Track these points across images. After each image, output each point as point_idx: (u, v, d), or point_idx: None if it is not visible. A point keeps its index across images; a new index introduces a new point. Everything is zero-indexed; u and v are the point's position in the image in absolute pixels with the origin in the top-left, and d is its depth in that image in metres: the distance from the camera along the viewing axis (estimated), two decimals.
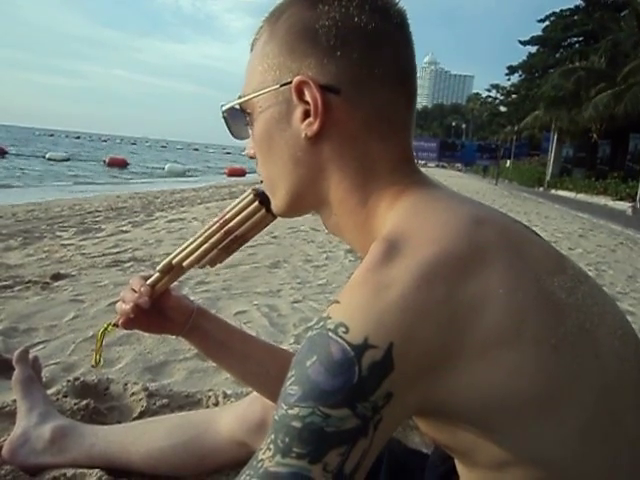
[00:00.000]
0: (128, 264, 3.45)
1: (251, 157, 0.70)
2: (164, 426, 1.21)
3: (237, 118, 0.69)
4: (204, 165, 33.13)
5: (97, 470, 1.15)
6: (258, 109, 0.65)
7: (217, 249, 0.82)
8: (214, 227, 0.81)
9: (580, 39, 36.70)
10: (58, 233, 4.65)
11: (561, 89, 26.50)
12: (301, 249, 4.38)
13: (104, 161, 24.58)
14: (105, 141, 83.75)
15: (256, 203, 0.77)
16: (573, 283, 0.56)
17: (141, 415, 1.48)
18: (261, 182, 0.72)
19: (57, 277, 2.95)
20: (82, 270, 3.19)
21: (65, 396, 1.50)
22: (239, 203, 0.79)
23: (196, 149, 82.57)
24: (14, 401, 1.38)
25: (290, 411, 0.46)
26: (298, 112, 0.61)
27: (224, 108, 0.69)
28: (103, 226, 5.20)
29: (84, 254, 3.69)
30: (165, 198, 9.10)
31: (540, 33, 40.00)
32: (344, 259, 4.11)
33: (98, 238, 4.46)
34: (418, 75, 0.68)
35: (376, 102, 0.61)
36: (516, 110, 44.02)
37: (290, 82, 0.61)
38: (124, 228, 5.10)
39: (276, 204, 0.70)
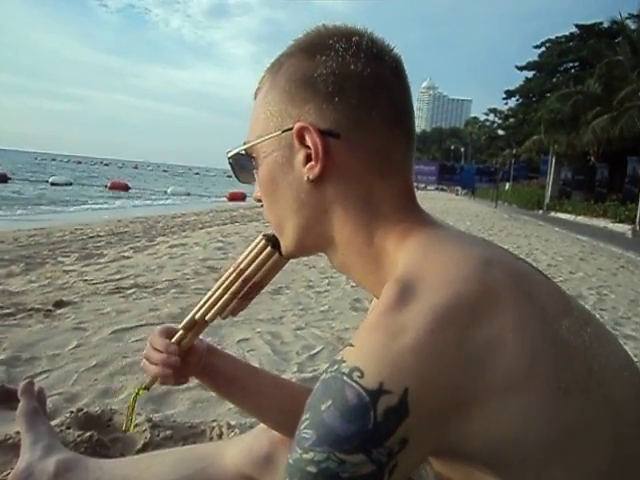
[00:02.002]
0: (130, 291, 3.45)
1: (258, 200, 0.72)
2: (169, 460, 1.20)
3: (243, 163, 0.71)
4: (205, 189, 33.30)
5: None
6: (262, 154, 0.67)
7: (237, 298, 0.82)
8: (231, 277, 0.82)
9: (576, 64, 37.28)
10: (60, 259, 4.67)
11: (558, 113, 26.82)
12: (303, 275, 4.39)
13: (106, 185, 24.80)
14: (107, 165, 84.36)
15: (269, 248, 0.78)
16: (579, 325, 0.57)
17: (145, 447, 1.47)
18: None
19: (59, 304, 2.95)
20: (84, 297, 3.19)
21: (68, 428, 1.50)
22: (252, 250, 0.80)
23: (197, 173, 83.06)
24: (17, 433, 1.38)
25: (305, 455, 0.47)
26: (300, 156, 0.64)
27: (230, 154, 0.72)
28: (105, 251, 5.21)
29: (86, 280, 3.69)
30: (166, 222, 9.13)
31: (536, 59, 40.68)
32: (346, 285, 4.11)
33: (100, 264, 4.46)
34: (417, 99, 0.71)
35: (375, 143, 0.64)
36: (514, 133, 44.48)
37: (291, 128, 0.63)
38: (126, 254, 5.11)
39: (284, 245, 0.72)
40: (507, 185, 44.75)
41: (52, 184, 23.72)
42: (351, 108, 0.62)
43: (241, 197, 21.20)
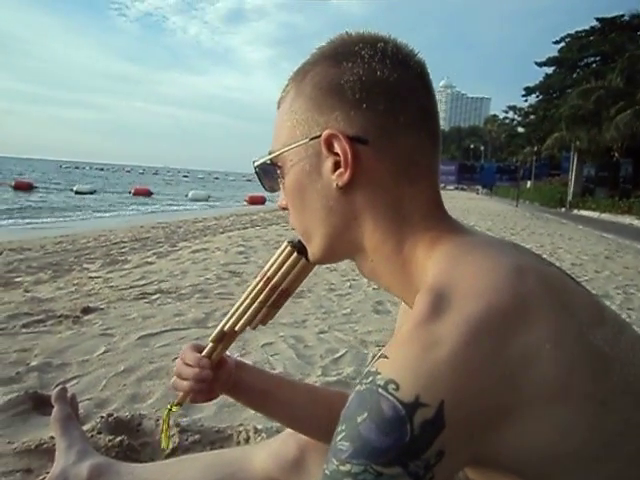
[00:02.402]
0: (155, 296, 3.50)
1: (283, 209, 0.72)
2: (198, 465, 1.22)
3: (269, 172, 0.71)
4: (225, 193, 33.57)
5: None
6: (289, 163, 0.67)
7: (266, 307, 0.82)
8: (259, 286, 0.82)
9: (597, 59, 36.63)
10: (85, 265, 4.76)
11: (580, 109, 26.38)
12: (324, 278, 4.39)
13: (130, 191, 25.26)
14: (128, 172, 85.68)
15: (295, 254, 0.78)
16: (614, 334, 0.56)
17: (174, 451, 1.49)
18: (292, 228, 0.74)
19: (87, 311, 3.01)
20: (110, 303, 3.25)
21: (99, 432, 1.53)
22: (278, 258, 0.80)
23: (216, 178, 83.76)
24: (52, 438, 1.41)
25: (342, 467, 0.47)
26: (328, 163, 0.64)
27: (256, 164, 0.72)
28: (129, 257, 5.29)
29: (112, 287, 3.76)
30: (188, 227, 9.24)
31: (556, 54, 40.07)
32: (367, 287, 4.11)
33: (124, 270, 4.53)
34: (437, 102, 0.70)
35: (403, 148, 0.64)
36: (534, 131, 43.87)
37: (319, 136, 0.63)
38: (149, 259, 5.18)
39: (312, 252, 0.72)
40: (528, 183, 44.13)
41: (76, 192, 24.19)
42: (378, 114, 0.62)
43: (261, 200, 21.34)
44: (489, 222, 13.63)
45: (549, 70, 41.85)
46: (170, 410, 0.96)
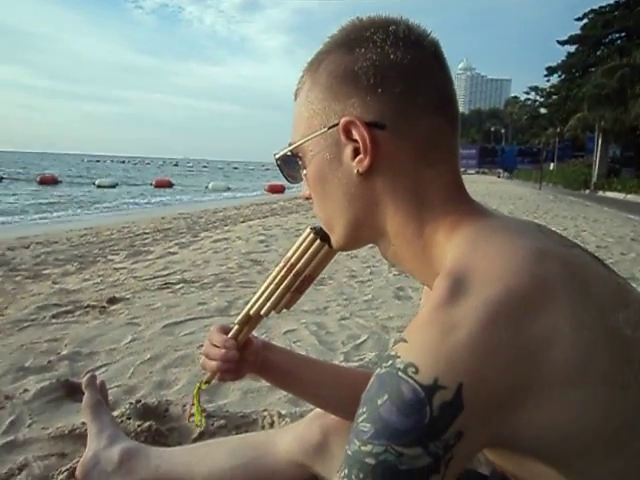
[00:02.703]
0: (178, 286, 3.55)
1: (307, 198, 0.73)
2: (225, 448, 1.25)
3: (290, 164, 0.72)
4: (244, 183, 33.73)
5: None
6: (309, 153, 0.68)
7: (290, 292, 0.85)
8: (283, 272, 0.84)
9: (621, 35, 35.54)
10: (110, 257, 4.85)
11: (604, 87, 25.69)
12: (345, 264, 4.40)
13: (151, 183, 25.57)
14: (148, 164, 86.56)
15: (318, 241, 0.80)
16: (638, 317, 0.56)
17: (200, 436, 1.53)
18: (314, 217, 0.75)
19: (113, 301, 3.08)
20: (135, 293, 3.32)
21: (129, 418, 1.57)
22: (301, 244, 0.82)
23: (236, 168, 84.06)
24: (83, 423, 1.46)
25: (363, 447, 0.48)
26: (348, 151, 0.64)
27: (277, 156, 0.73)
28: (152, 248, 5.37)
29: (136, 277, 3.83)
30: (208, 218, 9.32)
31: (579, 32, 38.96)
32: (388, 273, 4.11)
33: (148, 260, 4.61)
34: (454, 82, 0.70)
35: (421, 131, 0.64)
36: (557, 111, 42.86)
37: (337, 124, 0.64)
38: (172, 250, 5.26)
39: (336, 240, 0.73)
40: (551, 165, 43.30)
41: (98, 186, 24.56)
42: (395, 98, 0.62)
43: (280, 189, 21.38)
44: (510, 206, 13.44)
45: (571, 48, 40.74)
46: (200, 388, 1.00)
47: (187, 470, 1.22)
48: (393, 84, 0.62)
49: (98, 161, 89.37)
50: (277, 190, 21.51)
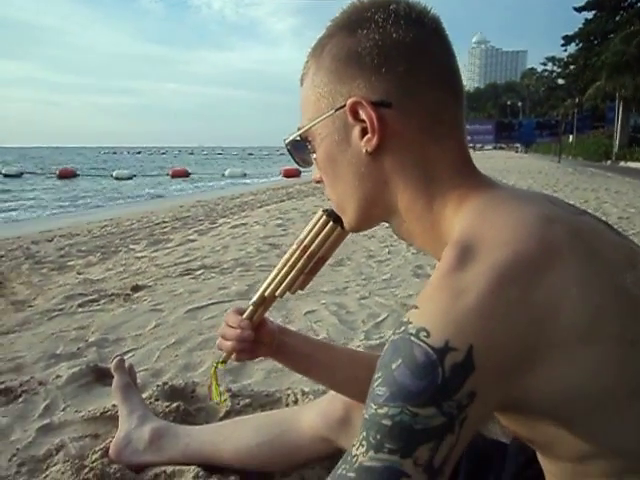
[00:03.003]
0: (199, 272, 3.61)
1: (318, 182, 0.75)
2: (250, 425, 1.29)
3: (300, 148, 0.74)
4: (259, 170, 33.78)
5: (194, 467, 1.25)
6: (318, 136, 0.69)
7: (304, 273, 0.87)
8: (296, 254, 0.86)
9: None
10: (131, 246, 4.93)
11: (624, 55, 24.94)
12: (363, 245, 4.42)
13: (167, 174, 25.70)
14: (164, 153, 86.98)
15: (331, 223, 0.82)
16: None
17: (227, 415, 1.57)
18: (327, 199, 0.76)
19: (136, 289, 3.15)
20: (157, 280, 3.38)
21: (157, 400, 1.62)
22: (314, 227, 0.84)
23: (250, 154, 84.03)
24: (114, 406, 1.52)
25: (380, 410, 0.50)
26: (356, 131, 0.66)
27: (287, 141, 0.74)
28: (171, 236, 5.45)
29: (157, 265, 3.90)
30: (226, 204, 9.38)
31: None
32: (406, 252, 4.11)
33: (168, 248, 4.68)
34: (468, 55, 0.69)
35: (427, 107, 0.65)
36: (575, 81, 41.83)
37: (344, 105, 0.65)
38: (191, 237, 5.33)
39: (348, 221, 0.75)
40: (570, 137, 42.41)
41: (116, 178, 24.81)
42: (399, 76, 0.63)
43: (296, 173, 21.35)
44: (530, 180, 13.24)
45: (589, 15, 39.51)
46: (216, 367, 1.03)
47: (215, 447, 1.27)
48: (396, 63, 0.63)
49: (115, 153, 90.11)
50: (293, 174, 21.49)
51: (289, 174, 21.83)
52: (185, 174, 25.43)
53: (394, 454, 0.49)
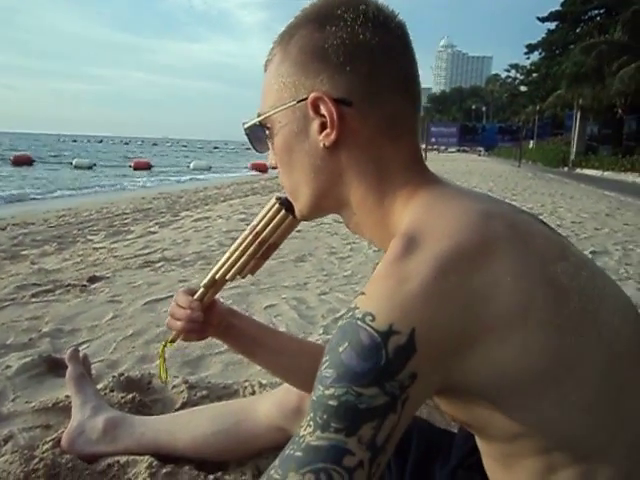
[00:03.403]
0: (159, 264, 3.57)
1: (273, 167, 0.77)
2: (207, 415, 1.30)
3: (258, 133, 0.75)
4: (225, 163, 33.40)
5: (147, 457, 1.24)
6: (277, 124, 0.71)
7: (255, 258, 0.89)
8: (248, 239, 0.88)
9: (601, 11, 35.62)
10: (89, 237, 4.82)
11: (582, 65, 25.84)
12: (325, 242, 4.45)
13: (130, 165, 25.05)
14: (127, 144, 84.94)
15: (283, 211, 0.84)
16: (575, 269, 0.61)
17: (183, 406, 1.57)
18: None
19: (93, 280, 3.08)
20: (116, 272, 3.32)
21: (112, 390, 1.60)
22: (267, 214, 0.86)
23: (216, 147, 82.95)
24: (67, 397, 1.49)
25: (326, 391, 0.52)
26: (315, 125, 0.68)
27: (246, 125, 0.76)
28: (132, 228, 5.35)
29: (116, 256, 3.83)
30: (189, 197, 9.26)
31: (559, 8, 38.94)
32: (368, 250, 4.16)
33: (128, 240, 4.60)
34: (435, 58, 0.73)
35: (385, 109, 0.68)
36: (537, 89, 43.14)
37: (306, 98, 0.67)
38: (152, 229, 5.25)
39: (299, 209, 0.77)
40: (531, 143, 43.68)
41: (75, 167, 24.04)
42: (362, 77, 0.66)
43: (264, 168, 21.21)
44: (490, 183, 13.59)
45: (552, 25, 40.77)
46: (165, 346, 1.05)
47: (171, 436, 1.27)
48: (361, 63, 0.65)
49: (75, 141, 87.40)
50: (261, 168, 21.35)
51: (257, 167, 21.72)
52: (148, 166, 24.85)
53: (339, 433, 0.51)
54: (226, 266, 0.92)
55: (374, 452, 0.51)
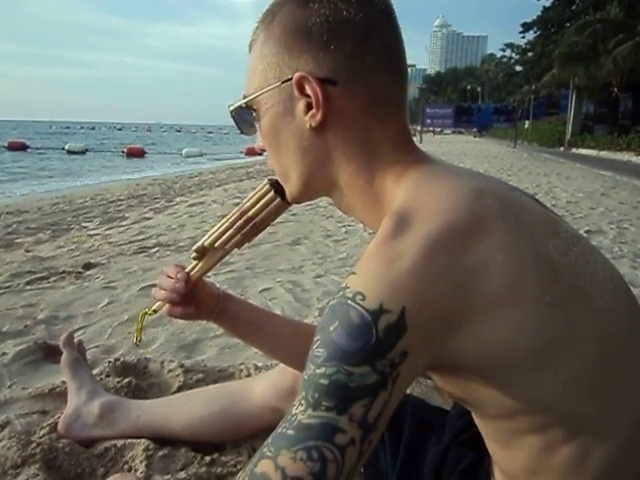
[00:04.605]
0: (154, 250, 3.56)
1: (262, 150, 0.76)
2: (202, 397, 1.31)
3: (244, 116, 0.74)
4: (219, 147, 33.16)
5: (144, 440, 1.25)
6: (263, 106, 0.70)
7: (240, 234, 0.90)
8: (235, 215, 0.90)
9: None
10: (84, 224, 4.80)
11: (577, 45, 25.62)
12: (321, 225, 4.45)
13: (123, 151, 24.83)
14: (120, 129, 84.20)
15: (271, 193, 0.84)
16: (566, 245, 0.61)
17: (179, 390, 1.57)
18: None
19: (88, 266, 3.08)
20: (111, 258, 3.31)
21: (108, 376, 1.61)
22: (256, 194, 0.87)
23: (210, 132, 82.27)
24: (63, 382, 1.50)
25: (318, 370, 0.52)
26: (301, 105, 0.67)
27: (231, 108, 0.75)
28: (126, 214, 5.33)
29: (111, 243, 3.81)
30: (184, 183, 9.21)
31: None
32: (363, 232, 4.16)
33: (123, 226, 4.58)
34: (430, 38, 0.71)
35: (371, 87, 0.66)
36: (532, 68, 42.85)
37: (291, 78, 0.66)
38: (147, 215, 5.23)
39: (289, 191, 0.76)
40: (526, 123, 43.53)
41: (68, 152, 23.85)
42: (346, 55, 0.65)
43: (259, 152, 21.03)
44: (486, 164, 13.56)
45: (547, 3, 40.34)
46: (145, 314, 1.05)
47: (166, 419, 1.27)
48: (345, 41, 0.64)
49: (68, 127, 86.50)
50: (255, 152, 21.19)
51: (251, 152, 21.58)
52: (141, 153, 24.62)
53: (330, 411, 0.51)
54: (214, 236, 0.93)
55: (365, 430, 0.51)
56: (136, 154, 23.84)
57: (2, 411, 1.47)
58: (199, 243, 0.95)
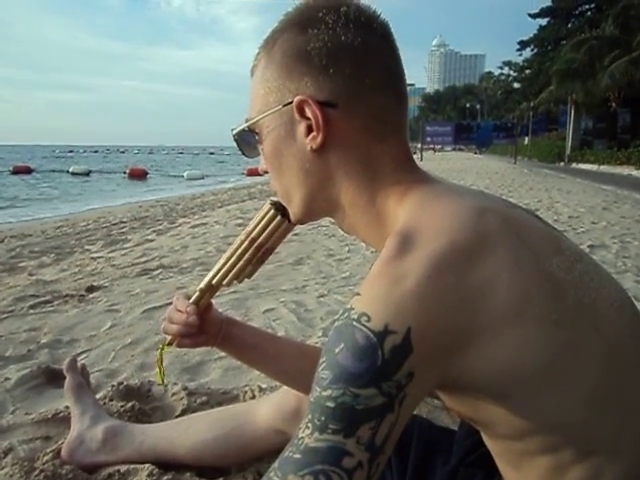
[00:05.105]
0: (157, 272, 3.56)
1: (265, 172, 0.77)
2: (206, 420, 1.30)
3: (247, 139, 0.75)
4: (221, 169, 33.33)
5: (148, 465, 1.24)
6: (265, 129, 0.71)
7: (252, 264, 0.89)
8: (244, 245, 0.87)
9: (591, 6, 35.70)
10: (87, 247, 4.82)
11: (574, 61, 25.86)
12: (323, 244, 4.45)
13: (125, 172, 25.02)
14: (123, 152, 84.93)
15: (279, 217, 0.84)
16: (570, 262, 0.61)
17: (183, 413, 1.56)
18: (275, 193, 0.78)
19: (91, 289, 3.08)
20: (114, 281, 3.32)
21: (111, 400, 1.60)
22: (262, 219, 0.85)
23: (212, 153, 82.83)
24: (66, 407, 1.49)
25: (324, 393, 0.52)
26: (302, 128, 0.68)
27: (234, 132, 0.76)
28: (129, 236, 5.35)
29: (114, 265, 3.82)
30: (186, 204, 9.26)
31: (550, 4, 39.00)
32: (366, 251, 4.16)
33: (126, 249, 4.59)
34: (428, 58, 0.73)
35: (371, 108, 0.68)
36: (530, 85, 43.17)
37: (291, 102, 0.67)
38: (149, 237, 5.25)
39: (293, 212, 0.77)
40: (526, 139, 43.76)
41: (72, 174, 24.11)
42: (345, 78, 0.66)
43: (259, 172, 21.12)
44: (487, 180, 13.60)
45: (543, 22, 40.83)
46: (162, 349, 1.04)
47: (170, 443, 1.26)
48: (344, 65, 0.66)
49: (71, 151, 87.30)
50: (256, 173, 21.30)
51: (252, 173, 21.69)
52: (143, 174, 24.76)
53: (337, 434, 0.50)
54: (223, 271, 0.91)
55: (373, 452, 0.51)
56: (138, 175, 23.99)
57: (5, 437, 1.45)
58: (205, 281, 0.94)
